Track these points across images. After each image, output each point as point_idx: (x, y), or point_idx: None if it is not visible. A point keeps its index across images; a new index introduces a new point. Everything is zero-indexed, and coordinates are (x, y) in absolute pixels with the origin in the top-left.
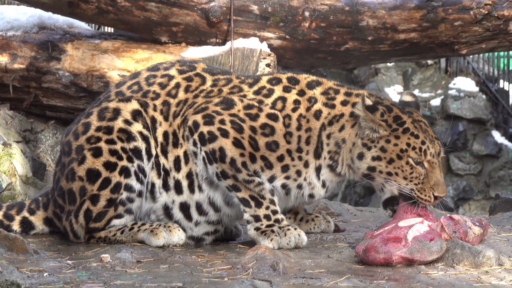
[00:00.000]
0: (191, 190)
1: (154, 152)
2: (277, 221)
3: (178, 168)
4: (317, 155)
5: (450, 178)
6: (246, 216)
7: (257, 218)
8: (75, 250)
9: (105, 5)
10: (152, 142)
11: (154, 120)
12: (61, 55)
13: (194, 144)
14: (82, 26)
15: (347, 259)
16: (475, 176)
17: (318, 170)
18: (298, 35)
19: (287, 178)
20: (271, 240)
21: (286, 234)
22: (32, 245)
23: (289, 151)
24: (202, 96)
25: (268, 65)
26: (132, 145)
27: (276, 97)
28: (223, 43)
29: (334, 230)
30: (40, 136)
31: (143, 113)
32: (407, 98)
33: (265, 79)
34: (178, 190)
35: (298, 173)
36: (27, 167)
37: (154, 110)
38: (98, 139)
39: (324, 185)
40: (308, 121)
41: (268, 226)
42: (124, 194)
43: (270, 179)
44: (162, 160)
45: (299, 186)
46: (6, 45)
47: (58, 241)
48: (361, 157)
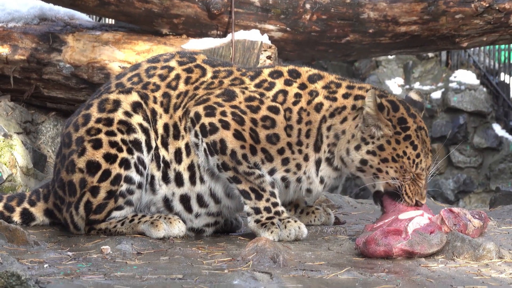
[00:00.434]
0: (193, 182)
1: (154, 144)
2: (277, 213)
3: (179, 160)
4: (316, 148)
5: (451, 171)
6: (247, 208)
7: (257, 211)
8: (76, 242)
9: None
10: (152, 134)
11: (154, 112)
12: (62, 47)
13: (196, 135)
14: (83, 17)
15: (347, 252)
16: (476, 169)
17: (317, 164)
18: (299, 28)
19: (287, 171)
20: (271, 232)
21: (286, 227)
22: (32, 236)
23: (289, 144)
24: (203, 88)
25: (269, 57)
26: (132, 137)
27: (277, 90)
28: (224, 35)
29: (335, 223)
30: (40, 127)
31: (143, 105)
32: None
33: (266, 72)
34: (179, 182)
35: (298, 166)
36: (28, 159)
37: (154, 102)
38: (98, 131)
39: (322, 181)
40: (308, 114)
41: (268, 218)
42: (124, 186)
43: (271, 172)
44: (162, 152)
45: (298, 180)
46: (7, 36)
47: (59, 232)
48: (357, 148)
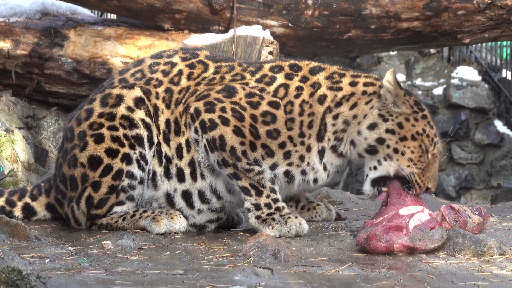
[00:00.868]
0: (193, 178)
1: (155, 140)
2: (278, 209)
3: (180, 155)
4: (319, 138)
5: (452, 167)
6: (247, 204)
7: (257, 207)
8: (77, 237)
9: None
10: (154, 129)
11: (156, 107)
12: (63, 42)
13: (196, 131)
14: (85, 12)
15: (349, 248)
16: (477, 165)
17: (321, 153)
18: (301, 23)
19: (290, 164)
20: (272, 228)
21: (287, 222)
22: (33, 231)
23: (290, 138)
24: (204, 83)
25: (270, 53)
26: (134, 132)
27: (278, 84)
28: (226, 31)
29: (336, 219)
30: (42, 122)
31: (146, 100)
32: None
33: (267, 67)
34: (180, 178)
35: (301, 158)
36: (29, 153)
37: (157, 98)
38: (100, 125)
39: (325, 168)
40: (311, 106)
41: (269, 214)
42: (125, 181)
43: (272, 167)
44: (164, 147)
45: (303, 172)
46: (9, 31)
47: (60, 227)
48: (373, 127)
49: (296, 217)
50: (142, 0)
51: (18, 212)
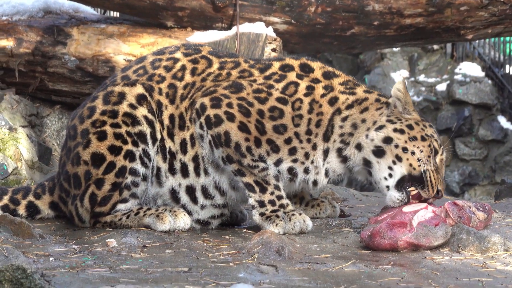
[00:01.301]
0: (197, 173)
1: (159, 136)
2: (282, 206)
3: (184, 150)
4: (326, 138)
5: (456, 163)
6: (251, 201)
7: (262, 204)
8: (81, 235)
9: None
10: (157, 126)
11: (159, 103)
12: (66, 40)
13: (201, 127)
14: (87, 10)
15: (353, 244)
16: (481, 161)
17: (325, 153)
18: (304, 20)
19: (295, 161)
20: (276, 225)
21: (291, 219)
22: (37, 229)
23: (297, 134)
24: (211, 79)
25: (273, 50)
26: (137, 129)
27: (288, 82)
28: (229, 28)
29: (340, 215)
30: (45, 120)
31: (148, 97)
32: None
33: (276, 66)
34: (185, 173)
35: (306, 155)
36: (33, 152)
37: (160, 93)
38: (103, 123)
39: (327, 174)
40: (320, 106)
41: (273, 211)
42: (129, 178)
43: (277, 163)
44: (168, 143)
45: (306, 170)
46: (11, 29)
47: (64, 225)
48: (380, 128)
49: (300, 214)
50: None
51: (22, 210)
